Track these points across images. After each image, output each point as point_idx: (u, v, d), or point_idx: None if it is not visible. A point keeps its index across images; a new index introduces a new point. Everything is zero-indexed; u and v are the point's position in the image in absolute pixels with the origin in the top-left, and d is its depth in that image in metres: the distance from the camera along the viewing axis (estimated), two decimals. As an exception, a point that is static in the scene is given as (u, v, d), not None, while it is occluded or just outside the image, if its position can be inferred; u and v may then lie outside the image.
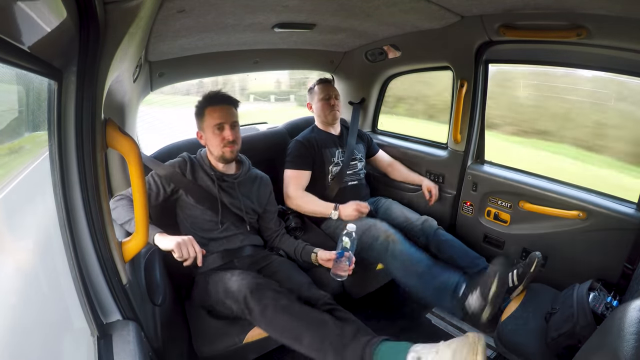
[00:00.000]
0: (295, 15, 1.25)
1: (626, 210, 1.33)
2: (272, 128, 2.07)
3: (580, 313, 1.09)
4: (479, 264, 1.50)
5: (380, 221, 1.56)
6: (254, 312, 1.05)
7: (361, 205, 1.58)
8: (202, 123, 1.30)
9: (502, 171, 1.67)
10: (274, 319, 1.03)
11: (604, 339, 0.74)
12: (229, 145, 1.29)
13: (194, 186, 1.32)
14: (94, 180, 0.72)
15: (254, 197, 1.43)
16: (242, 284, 1.09)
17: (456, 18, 1.39)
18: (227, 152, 1.30)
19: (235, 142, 1.30)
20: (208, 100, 1.29)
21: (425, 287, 1.37)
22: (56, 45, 0.61)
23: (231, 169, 1.39)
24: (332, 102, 1.78)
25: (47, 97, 0.67)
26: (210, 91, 1.31)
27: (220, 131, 1.28)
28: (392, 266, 1.45)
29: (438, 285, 1.34)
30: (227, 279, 1.14)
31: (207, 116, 1.28)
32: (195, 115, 1.33)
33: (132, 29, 0.74)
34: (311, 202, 1.65)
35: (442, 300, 1.35)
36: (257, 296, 1.06)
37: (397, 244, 1.44)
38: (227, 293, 1.12)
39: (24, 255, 0.67)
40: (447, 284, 1.33)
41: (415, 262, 1.40)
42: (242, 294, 1.07)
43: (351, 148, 1.80)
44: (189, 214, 1.34)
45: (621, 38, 1.16)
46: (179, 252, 1.10)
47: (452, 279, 1.34)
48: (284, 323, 1.03)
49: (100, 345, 0.72)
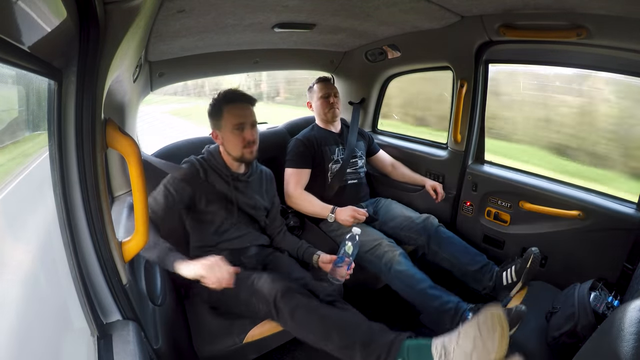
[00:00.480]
0: (295, 15, 1.25)
1: (626, 210, 1.33)
2: (272, 128, 2.07)
3: (582, 312, 1.09)
4: (480, 260, 1.51)
5: (387, 239, 1.55)
6: (282, 312, 1.07)
7: (358, 212, 1.56)
8: (220, 122, 1.25)
9: (502, 171, 1.67)
10: (303, 320, 1.05)
11: (604, 339, 0.74)
12: (249, 145, 1.25)
13: (209, 187, 1.28)
14: (94, 180, 0.72)
15: (264, 193, 1.42)
16: (274, 286, 1.09)
17: (456, 18, 1.39)
18: (247, 153, 1.26)
19: (256, 142, 1.28)
20: (226, 99, 1.24)
21: (426, 307, 1.39)
22: (56, 45, 0.61)
23: (242, 168, 1.36)
24: (332, 99, 1.78)
25: (47, 97, 0.67)
26: (228, 89, 1.27)
27: (241, 131, 1.23)
28: (393, 284, 1.48)
29: (438, 307, 1.36)
30: (256, 281, 1.14)
31: (225, 115, 1.23)
32: (211, 114, 1.27)
33: (132, 29, 0.74)
34: (310, 203, 1.64)
35: (442, 320, 1.36)
36: (287, 298, 1.07)
37: (401, 265, 1.45)
38: (256, 293, 1.12)
39: (24, 255, 0.67)
40: (449, 306, 1.34)
41: (417, 283, 1.42)
42: (273, 296, 1.08)
43: (351, 145, 1.80)
44: (200, 218, 1.30)
45: (621, 38, 1.16)
46: (213, 276, 1.03)
47: (453, 301, 1.35)
48: (314, 323, 1.05)
49: (100, 345, 0.72)
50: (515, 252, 1.64)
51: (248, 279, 1.16)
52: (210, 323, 1.26)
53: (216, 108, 1.26)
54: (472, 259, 1.52)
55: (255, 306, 1.13)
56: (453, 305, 1.33)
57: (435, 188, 1.80)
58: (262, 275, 1.15)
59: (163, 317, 1.04)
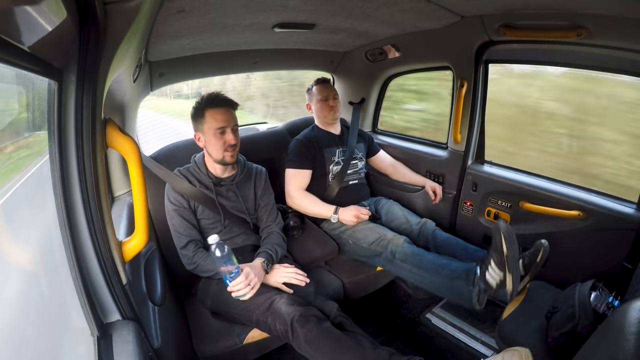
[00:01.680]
0: (295, 15, 1.25)
1: (626, 210, 1.33)
2: (272, 128, 2.07)
3: (582, 313, 1.09)
4: (480, 255, 1.47)
5: (387, 230, 1.55)
6: (298, 334, 1.08)
7: (361, 211, 1.58)
8: (202, 125, 1.28)
9: (502, 171, 1.67)
10: (316, 342, 1.07)
11: (604, 339, 0.74)
12: (230, 149, 1.28)
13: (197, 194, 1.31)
14: (94, 180, 0.72)
15: (252, 194, 1.43)
16: (292, 309, 1.11)
17: (456, 18, 1.39)
18: (227, 156, 1.29)
19: (237, 145, 1.30)
20: (209, 103, 1.27)
21: (438, 280, 1.35)
22: (56, 45, 0.61)
23: (228, 172, 1.38)
24: (331, 102, 1.77)
25: (47, 97, 0.67)
26: (210, 93, 1.30)
27: (222, 134, 1.27)
28: (400, 271, 1.47)
29: (449, 274, 1.33)
30: (275, 301, 1.15)
31: (208, 118, 1.26)
32: (193, 116, 1.30)
33: (132, 29, 0.74)
34: (312, 203, 1.64)
35: (458, 288, 1.31)
36: (303, 320, 1.09)
37: (405, 248, 1.45)
38: (274, 313, 1.13)
39: (25, 255, 0.67)
40: (459, 270, 1.31)
41: (423, 260, 1.41)
42: (291, 318, 1.09)
43: (352, 147, 1.80)
44: None
45: (621, 38, 1.16)
46: None
47: (462, 265, 1.32)
48: (326, 346, 1.07)
49: (100, 345, 0.72)
50: None
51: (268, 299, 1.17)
52: (211, 323, 1.26)
53: (198, 111, 1.28)
54: (472, 255, 1.49)
55: (270, 324, 1.14)
56: (463, 268, 1.31)
57: (434, 190, 1.81)
58: (282, 296, 1.17)
59: (163, 317, 1.04)
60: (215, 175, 1.35)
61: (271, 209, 1.47)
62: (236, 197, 1.38)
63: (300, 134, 1.79)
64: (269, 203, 1.47)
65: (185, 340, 1.21)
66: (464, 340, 1.61)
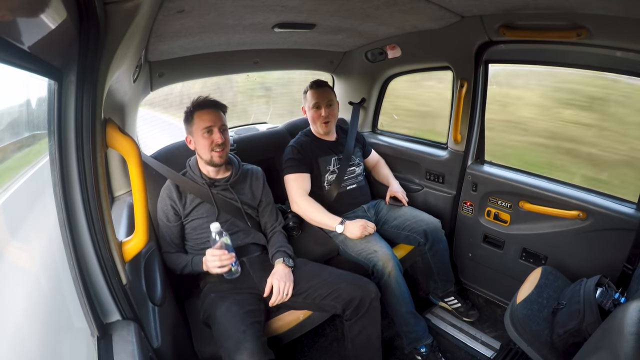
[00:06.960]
0: (295, 15, 1.25)
1: (626, 210, 1.33)
2: (272, 128, 2.07)
3: (587, 310, 1.07)
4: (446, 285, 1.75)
5: (387, 247, 1.53)
6: None
7: (369, 225, 1.54)
8: (192, 127, 1.31)
9: (502, 171, 1.67)
10: None
11: (605, 339, 0.74)
12: (217, 148, 1.29)
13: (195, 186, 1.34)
14: (94, 180, 0.73)
15: (249, 193, 1.43)
16: None
17: (456, 18, 1.39)
18: (215, 157, 1.30)
19: (224, 145, 1.31)
20: (197, 105, 1.31)
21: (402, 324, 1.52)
22: (56, 45, 0.61)
23: (222, 173, 1.39)
24: (323, 111, 1.66)
25: (47, 97, 0.67)
26: (199, 96, 1.33)
27: (210, 134, 1.29)
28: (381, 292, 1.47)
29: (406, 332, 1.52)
30: None
31: (196, 120, 1.29)
32: (185, 120, 1.34)
33: (132, 29, 0.74)
34: (317, 212, 1.60)
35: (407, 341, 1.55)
36: None
37: (392, 279, 1.46)
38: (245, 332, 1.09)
39: (25, 255, 0.67)
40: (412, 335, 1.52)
41: (400, 302, 1.49)
42: None
43: (348, 153, 1.74)
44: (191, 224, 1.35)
45: (621, 38, 1.16)
46: None
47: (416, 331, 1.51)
48: None
49: (100, 346, 0.72)
50: (515, 252, 1.64)
51: None
52: (211, 323, 1.26)
53: (188, 114, 1.33)
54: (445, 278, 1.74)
55: None
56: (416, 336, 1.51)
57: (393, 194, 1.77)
58: None
59: (163, 317, 1.04)
60: (208, 177, 1.36)
61: (272, 209, 1.49)
62: (232, 196, 1.39)
63: (292, 140, 1.74)
64: (269, 203, 1.48)
65: (185, 341, 1.21)
66: (464, 340, 1.62)
